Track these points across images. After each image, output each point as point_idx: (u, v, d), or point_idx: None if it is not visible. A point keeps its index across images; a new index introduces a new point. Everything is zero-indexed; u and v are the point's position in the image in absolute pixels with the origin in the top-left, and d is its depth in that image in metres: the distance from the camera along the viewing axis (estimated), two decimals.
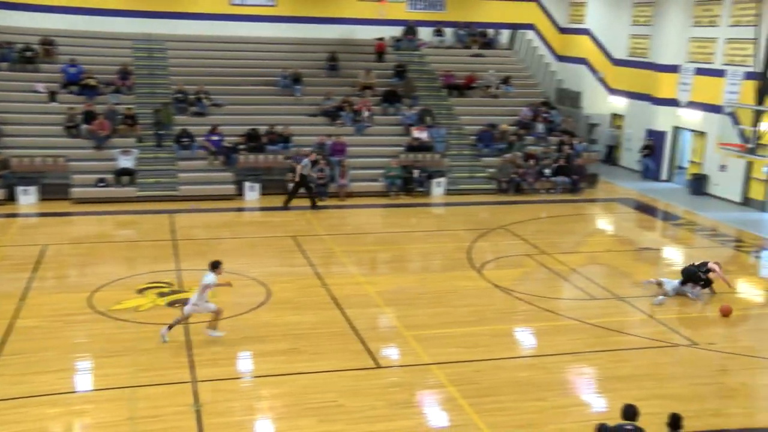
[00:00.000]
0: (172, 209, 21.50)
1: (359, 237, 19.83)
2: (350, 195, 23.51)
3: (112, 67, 25.99)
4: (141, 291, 14.91)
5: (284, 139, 24.31)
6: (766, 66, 18.88)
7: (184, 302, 14.26)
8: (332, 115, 25.95)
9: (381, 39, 29.62)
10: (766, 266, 18.51)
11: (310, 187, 22.25)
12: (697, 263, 15.53)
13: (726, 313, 14.32)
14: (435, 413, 10.74)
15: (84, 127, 23.51)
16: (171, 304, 14.30)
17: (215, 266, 12.72)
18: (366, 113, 26.00)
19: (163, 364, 11.76)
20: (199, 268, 16.43)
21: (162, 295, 14.75)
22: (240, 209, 22.41)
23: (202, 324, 13.33)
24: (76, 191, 22.04)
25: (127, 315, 13.69)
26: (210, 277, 12.55)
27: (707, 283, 15.28)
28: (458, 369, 11.88)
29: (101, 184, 22.22)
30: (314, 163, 22.68)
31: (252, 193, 23.11)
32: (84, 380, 11.48)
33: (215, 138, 23.83)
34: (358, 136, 25.60)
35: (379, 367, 12.01)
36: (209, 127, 24.12)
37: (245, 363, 12.17)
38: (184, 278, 15.75)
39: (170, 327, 12.64)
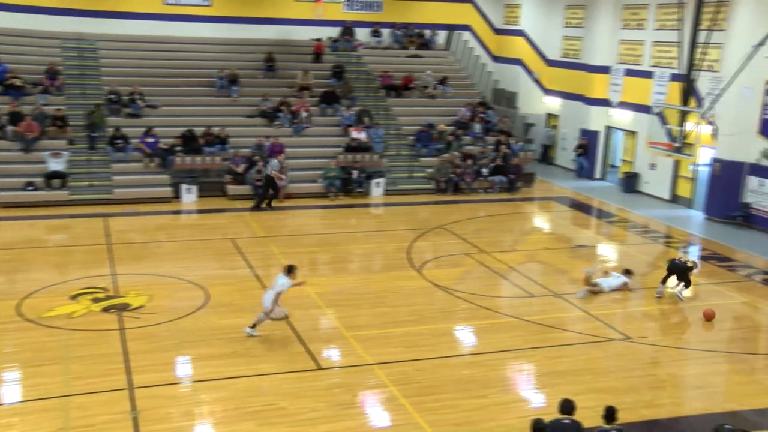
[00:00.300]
0: (107, 213, 20.99)
1: (299, 238, 19.71)
2: (289, 196, 23.36)
3: (39, 66, 25.20)
4: (74, 297, 14.49)
5: (221, 141, 24.00)
6: (690, 68, 19.52)
7: (119, 308, 13.98)
8: (270, 116, 25.75)
9: (318, 40, 29.53)
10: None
11: (276, 188, 22.37)
12: (689, 263, 15.70)
13: (709, 317, 14.43)
14: (377, 413, 10.75)
15: (10, 128, 22.73)
16: (106, 309, 13.94)
17: (291, 270, 12.74)
18: (304, 114, 25.88)
19: (98, 371, 11.46)
20: (135, 272, 16.18)
21: (96, 300, 14.37)
22: (177, 212, 22.01)
23: (138, 330, 13.07)
24: (3, 195, 21.29)
25: (60, 322, 13.29)
26: (284, 281, 12.56)
27: (688, 283, 15.51)
28: (400, 368, 11.92)
29: (30, 188, 21.53)
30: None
31: (189, 196, 22.73)
32: (12, 391, 11.08)
33: (150, 140, 23.36)
34: (297, 137, 25.46)
35: (320, 368, 11.96)
36: (144, 129, 23.64)
37: (183, 368, 11.96)
38: (120, 283, 15.37)
39: (253, 326, 12.87)
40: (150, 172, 23.07)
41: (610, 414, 8.69)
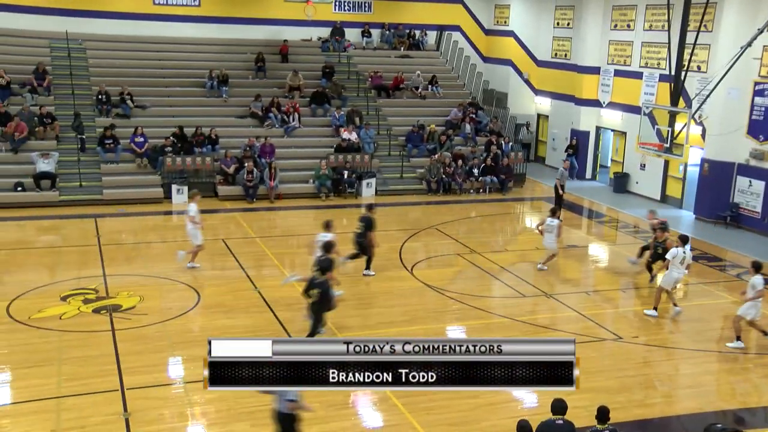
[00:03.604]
0: (97, 213, 20.89)
1: (291, 239, 19.68)
2: (280, 197, 23.32)
3: (28, 66, 25.03)
4: (65, 298, 14.41)
5: (212, 141, 23.93)
6: (678, 69, 19.63)
7: (110, 309, 13.90)
8: (260, 116, 25.70)
9: (285, 41, 29.15)
10: None
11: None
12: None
13: None
14: (371, 414, 10.74)
15: None
16: (97, 311, 13.87)
17: (758, 268, 13.32)
18: (295, 115, 25.84)
19: (90, 373, 11.40)
20: (125, 273, 16.10)
21: (87, 302, 14.30)
22: (168, 213, 21.94)
23: (129, 331, 13.01)
24: None
25: (50, 323, 13.22)
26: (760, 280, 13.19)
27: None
28: None
29: (19, 189, 21.40)
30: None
31: (180, 196, 22.62)
32: (3, 393, 11.03)
33: (140, 140, 23.27)
34: (287, 138, 25.43)
35: None
36: (133, 129, 23.53)
37: (176, 369, 11.93)
38: (110, 284, 15.29)
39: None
40: (140, 173, 22.99)
41: (603, 414, 8.69)
